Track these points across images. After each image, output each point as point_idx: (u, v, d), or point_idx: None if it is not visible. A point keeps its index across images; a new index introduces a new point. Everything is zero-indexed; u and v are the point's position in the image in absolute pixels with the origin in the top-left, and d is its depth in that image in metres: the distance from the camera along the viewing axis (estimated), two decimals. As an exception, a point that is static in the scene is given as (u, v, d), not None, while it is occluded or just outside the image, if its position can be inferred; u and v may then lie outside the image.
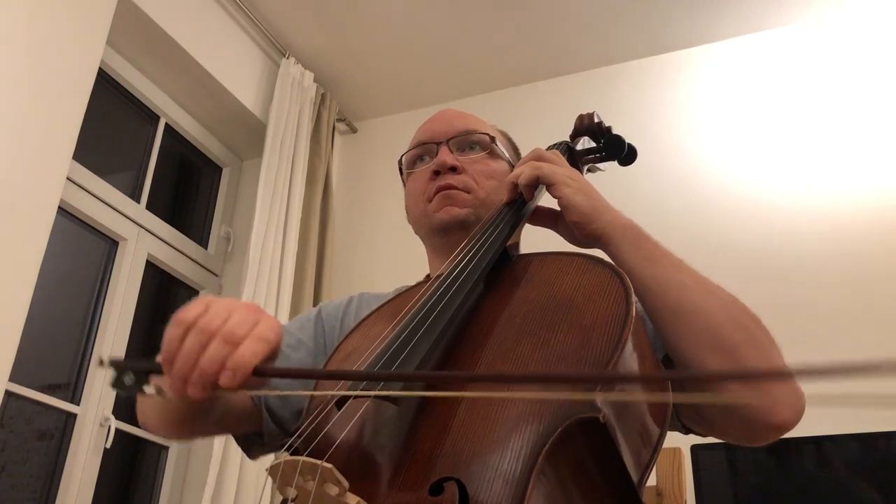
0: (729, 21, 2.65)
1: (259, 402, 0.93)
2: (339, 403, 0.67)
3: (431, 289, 0.77)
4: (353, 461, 0.63)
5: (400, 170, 1.11)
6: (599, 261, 0.77)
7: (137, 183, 2.53)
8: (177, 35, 2.43)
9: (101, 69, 2.15)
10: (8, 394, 1.82)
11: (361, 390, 0.61)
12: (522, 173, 0.89)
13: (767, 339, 0.77)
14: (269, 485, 0.59)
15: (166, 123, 2.68)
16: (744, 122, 2.57)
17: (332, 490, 0.54)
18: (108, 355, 0.62)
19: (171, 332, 0.63)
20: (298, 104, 2.79)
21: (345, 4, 2.68)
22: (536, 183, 0.89)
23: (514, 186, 0.91)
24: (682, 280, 0.79)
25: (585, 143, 1.13)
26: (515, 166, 0.95)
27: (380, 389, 0.60)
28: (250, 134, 2.83)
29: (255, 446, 0.99)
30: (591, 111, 1.14)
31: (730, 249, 2.33)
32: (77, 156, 2.04)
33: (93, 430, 2.14)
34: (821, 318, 2.16)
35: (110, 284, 2.32)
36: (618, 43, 2.78)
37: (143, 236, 2.46)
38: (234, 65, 2.71)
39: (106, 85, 2.41)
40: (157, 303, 2.57)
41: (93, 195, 2.27)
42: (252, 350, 0.61)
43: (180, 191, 2.82)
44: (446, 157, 1.01)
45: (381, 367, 0.64)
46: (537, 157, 0.91)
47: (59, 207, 1.95)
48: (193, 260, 2.68)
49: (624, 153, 1.12)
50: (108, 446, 2.16)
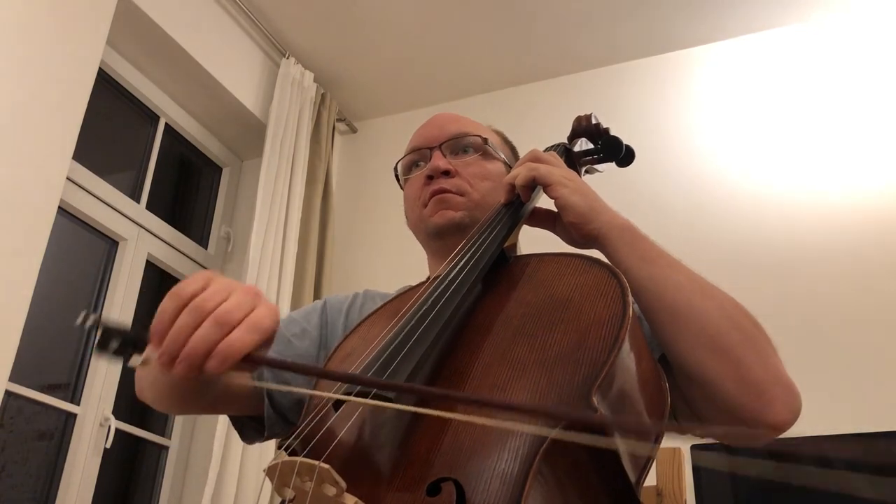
0: (730, 21, 2.65)
1: (259, 386, 0.92)
2: (337, 404, 0.67)
3: (429, 291, 0.77)
4: (350, 462, 0.63)
5: (396, 176, 1.12)
6: (597, 261, 0.77)
7: (137, 183, 2.53)
8: (177, 35, 2.43)
9: (101, 69, 2.15)
10: (8, 394, 1.82)
11: (357, 393, 0.61)
12: (519, 174, 0.89)
13: (764, 340, 0.77)
14: (269, 485, 0.60)
15: (166, 123, 2.68)
16: (746, 121, 2.57)
17: (330, 491, 0.54)
18: (90, 316, 0.58)
19: (166, 304, 0.62)
20: (298, 104, 2.79)
21: (345, 4, 2.68)
22: (533, 184, 0.89)
23: (511, 188, 0.91)
24: (679, 280, 0.79)
25: (583, 145, 1.13)
26: (513, 167, 0.95)
27: (374, 394, 0.60)
28: (250, 134, 2.83)
29: (249, 430, 0.98)
30: (588, 112, 1.14)
31: (732, 248, 2.33)
32: (77, 156, 2.04)
33: (93, 430, 2.14)
34: (823, 316, 2.16)
35: (110, 284, 2.33)
36: (618, 43, 2.78)
37: (143, 236, 2.46)
38: (234, 65, 2.71)
39: (106, 85, 2.41)
40: (157, 303, 2.52)
41: (93, 195, 2.27)
42: (242, 339, 0.59)
43: (180, 191, 2.82)
44: (439, 161, 1.02)
45: (375, 370, 0.64)
46: (534, 158, 0.91)
47: (59, 207, 1.95)
48: (193, 260, 2.68)
49: (622, 154, 1.12)
50: (108, 446, 2.16)
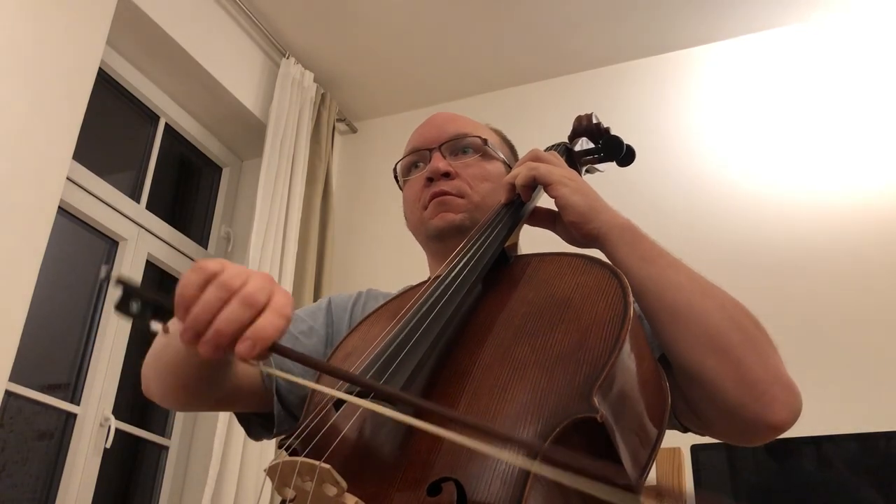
0: (730, 21, 2.65)
1: (269, 382, 0.92)
2: (337, 404, 0.67)
3: (430, 290, 0.77)
4: (351, 461, 0.63)
5: (395, 177, 1.12)
6: (598, 261, 0.77)
7: (137, 183, 2.53)
8: (177, 35, 2.43)
9: (101, 69, 2.15)
10: (8, 394, 1.82)
11: (359, 394, 0.61)
12: (519, 174, 0.89)
13: (765, 339, 0.77)
14: (269, 485, 0.59)
15: (166, 123, 2.68)
16: (745, 121, 2.57)
17: (331, 490, 0.54)
18: (111, 271, 0.57)
19: (190, 276, 0.59)
20: (298, 104, 2.79)
21: (345, 4, 2.68)
22: (534, 183, 0.88)
23: (512, 187, 0.91)
24: (679, 280, 0.79)
25: (584, 144, 1.13)
26: (513, 167, 0.95)
27: (373, 397, 0.59)
28: (250, 134, 2.83)
29: (256, 426, 0.98)
30: (589, 112, 1.14)
31: (732, 248, 2.33)
32: (77, 156, 2.04)
33: (93, 430, 2.14)
34: (823, 316, 2.16)
35: (110, 284, 2.32)
36: (618, 43, 2.78)
37: (143, 236, 2.46)
38: (234, 65, 2.71)
39: (106, 85, 2.41)
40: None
41: (93, 195, 2.27)
42: (273, 323, 0.58)
43: (180, 191, 2.82)
44: (439, 163, 1.01)
45: (376, 371, 0.63)
46: (534, 157, 0.91)
47: (59, 207, 1.95)
48: (193, 260, 2.68)
49: (622, 154, 1.12)
50: (108, 446, 2.16)
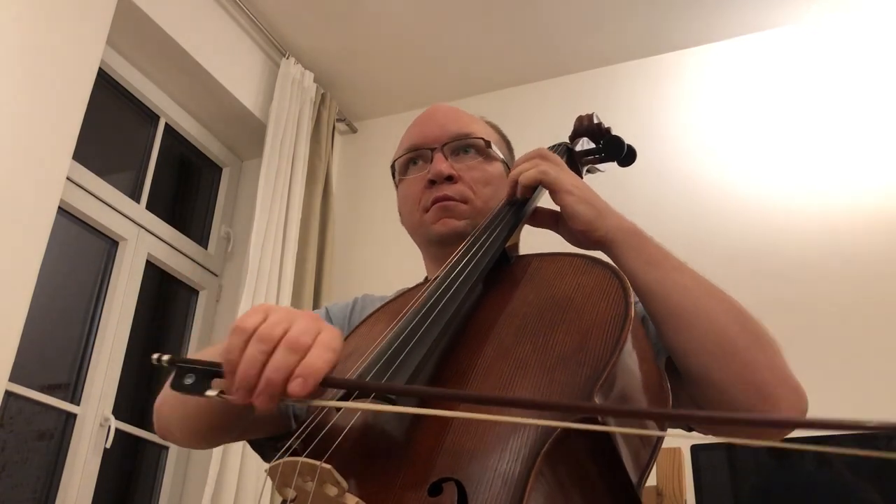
0: (728, 22, 2.65)
1: (286, 407, 0.90)
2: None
3: (430, 290, 0.76)
4: (352, 462, 0.62)
5: (393, 174, 1.09)
6: (599, 261, 0.77)
7: (137, 183, 2.53)
8: (177, 35, 2.43)
9: (101, 69, 2.15)
10: (8, 394, 1.81)
11: (360, 395, 0.61)
12: (526, 173, 0.87)
13: (769, 342, 0.77)
14: (269, 485, 0.59)
15: (166, 123, 2.68)
16: (743, 122, 2.56)
17: (331, 491, 0.54)
18: (163, 356, 0.58)
19: (232, 339, 0.61)
20: (298, 104, 2.79)
21: (345, 5, 2.68)
22: (538, 185, 0.88)
23: (515, 184, 0.89)
24: (685, 283, 0.78)
25: (585, 145, 1.13)
26: (516, 162, 0.93)
27: (374, 396, 0.60)
28: (250, 134, 2.83)
29: (269, 450, 0.97)
30: (590, 112, 1.13)
31: (730, 249, 2.33)
32: (77, 156, 2.04)
33: (93, 430, 2.14)
34: (821, 317, 2.16)
35: (110, 284, 2.32)
36: (618, 43, 2.78)
37: (143, 236, 2.46)
38: (234, 65, 2.71)
39: (106, 85, 2.41)
40: (157, 303, 2.57)
41: (93, 195, 2.27)
42: (322, 357, 0.59)
43: (180, 191, 2.82)
44: (441, 165, 0.98)
45: (377, 371, 0.63)
46: (542, 157, 0.90)
47: (59, 207, 1.95)
48: (193, 260, 2.68)
49: (623, 154, 1.12)
50: (108, 446, 2.16)
